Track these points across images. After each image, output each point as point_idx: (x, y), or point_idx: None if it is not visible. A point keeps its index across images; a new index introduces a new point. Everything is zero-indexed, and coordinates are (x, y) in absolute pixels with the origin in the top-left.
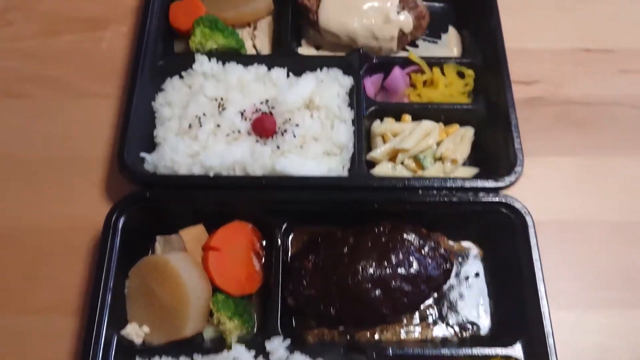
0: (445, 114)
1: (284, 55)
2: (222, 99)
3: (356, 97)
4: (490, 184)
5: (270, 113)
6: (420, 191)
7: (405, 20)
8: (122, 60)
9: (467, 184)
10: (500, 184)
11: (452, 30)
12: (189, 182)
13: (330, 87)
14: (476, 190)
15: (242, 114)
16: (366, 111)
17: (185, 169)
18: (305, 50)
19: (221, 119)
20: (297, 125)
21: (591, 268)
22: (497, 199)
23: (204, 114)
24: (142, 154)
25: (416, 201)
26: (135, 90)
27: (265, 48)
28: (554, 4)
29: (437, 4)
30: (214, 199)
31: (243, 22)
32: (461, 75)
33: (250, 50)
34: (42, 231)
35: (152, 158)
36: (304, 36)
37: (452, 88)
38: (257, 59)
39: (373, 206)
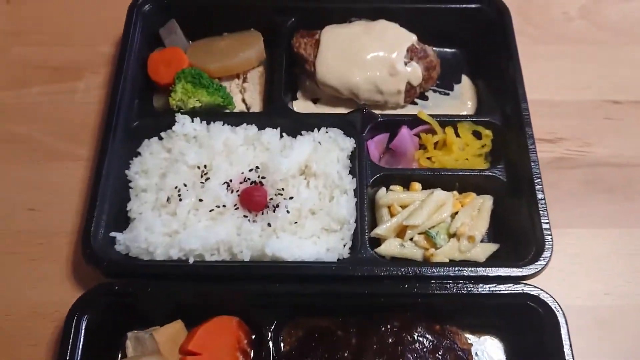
0: (460, 181)
1: (277, 113)
2: (205, 167)
3: (358, 162)
4: (514, 272)
5: (261, 183)
6: (433, 282)
7: (414, 71)
8: (97, 115)
9: (488, 273)
10: (525, 272)
11: (465, 80)
12: (165, 272)
13: (329, 151)
14: (498, 280)
15: (228, 185)
16: (370, 179)
17: (161, 251)
18: (302, 103)
19: (204, 191)
20: (291, 198)
21: None
22: (521, 290)
23: (185, 185)
24: (113, 234)
25: (428, 293)
26: (106, 157)
27: (255, 102)
28: (577, 50)
29: (448, 50)
30: (194, 292)
31: (231, 73)
32: (477, 134)
33: (239, 105)
34: (1, 316)
35: (124, 238)
36: (300, 87)
37: (468, 150)
38: (247, 118)
39: (379, 300)
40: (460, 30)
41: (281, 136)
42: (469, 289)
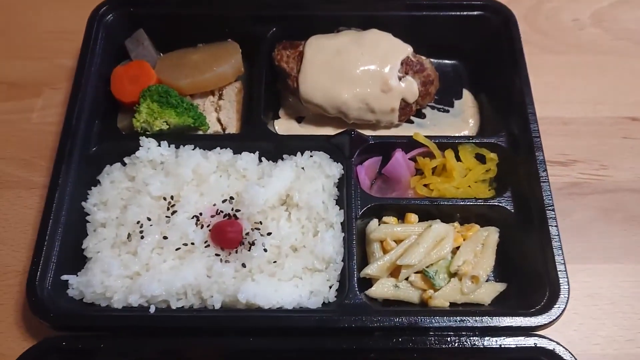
0: (461, 212)
1: (255, 135)
2: (172, 199)
3: (347, 191)
4: (525, 321)
5: (235, 216)
6: (431, 333)
7: (409, 87)
8: (56, 137)
9: (495, 322)
10: (538, 321)
11: (467, 95)
12: (122, 324)
13: (313, 179)
14: (507, 331)
15: (197, 219)
16: (360, 210)
17: (120, 297)
18: (284, 123)
19: (170, 226)
20: (269, 234)
21: None
22: (533, 344)
23: (149, 219)
24: (65, 277)
25: (426, 348)
26: (57, 188)
27: (232, 122)
28: (590, 60)
29: (447, 62)
30: (155, 349)
31: (205, 89)
32: (481, 158)
33: (214, 126)
34: None
35: (77, 282)
36: (283, 105)
37: (470, 177)
38: (221, 140)
39: (369, 356)
40: (461, 40)
41: (260, 161)
42: (474, 343)
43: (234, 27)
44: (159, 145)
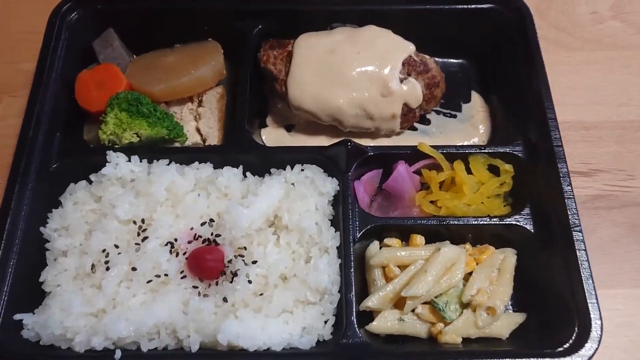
0: (474, 232)
1: (239, 147)
2: (143, 222)
3: (343, 210)
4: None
5: (215, 242)
6: None
7: (412, 90)
8: (14, 152)
9: None
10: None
11: (476, 98)
12: None
13: (305, 197)
14: None
15: (171, 246)
16: (358, 232)
17: (82, 339)
18: (272, 132)
19: (140, 255)
20: (254, 262)
21: None
22: None
23: (116, 247)
24: (19, 316)
25: None
26: (10, 211)
27: (213, 132)
28: (611, 57)
29: (454, 62)
30: None
31: (183, 95)
32: (494, 170)
33: (192, 137)
34: None
35: (33, 322)
36: (270, 111)
37: (483, 191)
38: (200, 154)
39: None
40: (469, 36)
41: (244, 176)
42: None
43: (214, 24)
44: (129, 161)
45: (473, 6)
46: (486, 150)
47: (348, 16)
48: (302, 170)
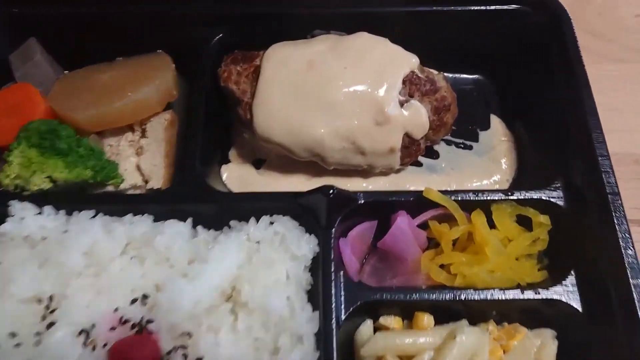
0: (499, 308)
1: (189, 192)
2: (50, 300)
3: (324, 279)
4: None
5: (147, 329)
6: None
7: (415, 115)
8: None
9: None
10: None
11: (497, 123)
12: None
13: (272, 262)
14: None
15: (87, 336)
16: (345, 310)
17: None
18: (235, 169)
19: (42, 349)
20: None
21: None
22: None
23: (12, 336)
24: None
25: None
26: None
27: (158, 170)
28: None
29: (467, 77)
30: None
31: (119, 124)
32: (524, 221)
33: (132, 178)
34: None
35: None
36: (234, 142)
37: (511, 251)
38: (135, 204)
39: None
40: (488, 45)
41: (194, 232)
42: None
43: (165, 32)
44: (40, 213)
45: (493, 7)
46: (514, 197)
47: (334, 21)
48: (271, 223)
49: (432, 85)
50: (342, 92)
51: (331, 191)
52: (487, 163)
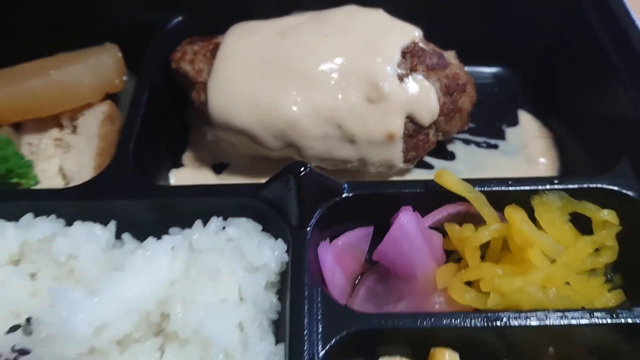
0: (558, 340)
1: (113, 186)
2: None
3: (293, 298)
4: None
5: None
6: None
7: (420, 92)
8: None
9: None
10: None
11: (527, 119)
12: None
13: (219, 273)
14: None
15: None
16: (323, 343)
17: None
18: (188, 174)
19: None
20: None
21: None
22: None
23: None
24: None
25: None
26: None
27: (86, 171)
28: None
29: (485, 71)
30: None
31: (41, 113)
32: (583, 222)
33: (50, 180)
34: None
35: None
36: (190, 144)
37: (568, 261)
38: (41, 201)
39: None
40: (513, 31)
41: (118, 240)
42: None
43: (113, 19)
44: None
45: None
46: (566, 186)
47: (317, 2)
48: (224, 228)
49: (441, 59)
50: (322, 62)
51: (303, 168)
52: (520, 163)
